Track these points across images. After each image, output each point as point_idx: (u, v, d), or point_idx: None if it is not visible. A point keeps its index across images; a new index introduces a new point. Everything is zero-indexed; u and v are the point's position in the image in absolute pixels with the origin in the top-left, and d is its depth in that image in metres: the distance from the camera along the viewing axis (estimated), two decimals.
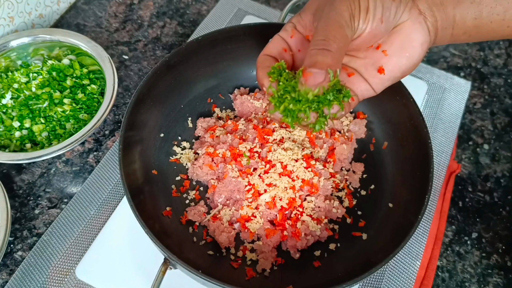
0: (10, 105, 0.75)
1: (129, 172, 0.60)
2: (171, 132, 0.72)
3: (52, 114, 0.75)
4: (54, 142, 0.73)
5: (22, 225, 0.69)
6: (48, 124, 0.74)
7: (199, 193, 0.69)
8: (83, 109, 0.76)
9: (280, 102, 0.45)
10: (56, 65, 0.79)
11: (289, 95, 0.45)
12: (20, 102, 0.75)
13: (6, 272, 0.66)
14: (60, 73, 0.79)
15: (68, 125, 0.75)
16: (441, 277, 0.69)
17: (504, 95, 0.88)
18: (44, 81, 0.77)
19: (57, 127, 0.74)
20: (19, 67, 0.80)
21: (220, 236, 0.64)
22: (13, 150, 0.72)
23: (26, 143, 0.74)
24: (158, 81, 0.67)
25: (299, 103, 0.44)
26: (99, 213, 0.70)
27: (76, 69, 0.80)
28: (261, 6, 0.94)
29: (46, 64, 0.80)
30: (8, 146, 0.73)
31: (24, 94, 0.76)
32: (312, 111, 0.45)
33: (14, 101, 0.76)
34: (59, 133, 0.74)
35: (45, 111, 0.75)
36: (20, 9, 0.82)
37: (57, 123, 0.75)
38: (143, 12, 0.94)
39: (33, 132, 0.74)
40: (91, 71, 0.81)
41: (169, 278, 0.55)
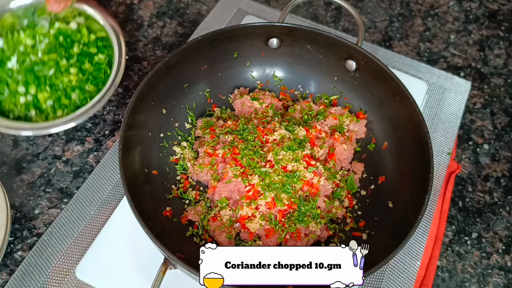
0: (16, 69, 0.73)
1: (129, 172, 0.60)
2: (171, 132, 0.72)
3: (58, 83, 0.73)
4: (58, 111, 0.72)
5: (22, 225, 0.69)
6: (53, 92, 0.73)
7: (199, 193, 0.69)
8: (89, 80, 0.75)
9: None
10: (63, 28, 0.76)
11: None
12: (26, 67, 0.73)
13: (6, 272, 0.66)
14: (67, 38, 0.76)
15: (74, 95, 0.73)
16: (441, 277, 0.69)
17: (504, 95, 0.88)
18: (51, 47, 0.75)
19: (63, 96, 0.73)
20: (25, 28, 0.77)
21: (220, 236, 0.64)
22: (17, 116, 0.71)
23: (31, 110, 0.72)
24: (158, 81, 0.67)
25: None
26: (99, 213, 0.70)
27: (83, 35, 0.77)
28: (261, 6, 0.94)
29: (53, 26, 0.77)
30: (12, 111, 0.72)
31: (29, 59, 0.74)
32: None
33: (20, 66, 0.73)
34: (64, 103, 0.73)
35: (51, 79, 0.73)
36: None
37: (63, 93, 0.73)
38: (143, 12, 0.94)
39: (37, 99, 0.72)
40: (99, 38, 0.78)
41: (169, 278, 0.55)
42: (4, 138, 0.76)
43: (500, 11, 1.00)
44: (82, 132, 0.78)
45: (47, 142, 0.77)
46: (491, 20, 0.98)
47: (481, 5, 1.01)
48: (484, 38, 0.95)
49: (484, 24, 0.97)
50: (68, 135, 0.78)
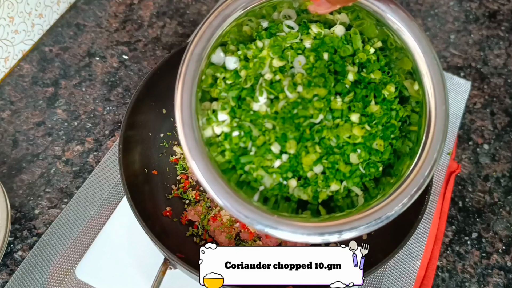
0: (265, 113, 0.45)
1: (129, 172, 0.60)
2: (171, 132, 0.72)
3: (331, 137, 0.45)
4: (332, 183, 0.46)
5: (22, 225, 0.69)
6: (324, 153, 0.45)
7: (199, 193, 0.69)
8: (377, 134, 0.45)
9: None
10: (328, 36, 0.46)
11: None
12: (282, 110, 0.45)
13: (6, 272, 0.66)
14: (334, 54, 0.46)
15: (354, 157, 0.46)
16: (441, 277, 0.69)
17: (504, 95, 0.88)
18: (312, 70, 0.45)
19: (340, 161, 0.46)
20: (263, 33, 0.48)
21: (220, 236, 0.64)
22: (270, 189, 0.47)
23: (288, 178, 0.46)
24: (158, 81, 0.67)
25: None
26: (99, 213, 0.70)
27: (358, 49, 0.47)
28: None
29: (306, 31, 0.47)
30: (259, 180, 0.46)
31: (283, 95, 0.45)
32: None
33: (271, 107, 0.45)
34: (342, 171, 0.46)
35: (320, 130, 0.45)
36: (20, 9, 0.82)
37: (341, 154, 0.46)
38: (143, 12, 0.94)
39: (298, 163, 0.46)
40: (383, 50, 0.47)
41: (169, 278, 0.55)
42: (4, 138, 0.76)
43: (500, 11, 1.00)
44: (82, 132, 0.78)
45: (47, 142, 0.77)
46: (491, 20, 0.98)
47: (481, 5, 1.01)
48: (484, 38, 0.95)
49: (484, 24, 0.97)
50: (68, 135, 0.78)
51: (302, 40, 0.46)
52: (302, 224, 0.41)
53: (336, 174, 0.46)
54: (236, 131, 0.45)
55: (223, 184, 0.41)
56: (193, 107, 0.42)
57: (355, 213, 0.42)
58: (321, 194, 0.46)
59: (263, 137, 0.45)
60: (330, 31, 0.47)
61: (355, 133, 0.44)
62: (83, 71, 0.85)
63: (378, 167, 0.46)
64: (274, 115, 0.44)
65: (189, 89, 0.43)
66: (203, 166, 0.41)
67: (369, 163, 0.46)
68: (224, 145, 0.46)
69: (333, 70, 0.46)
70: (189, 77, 0.43)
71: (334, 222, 0.42)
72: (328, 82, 0.44)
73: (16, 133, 0.77)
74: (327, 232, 0.41)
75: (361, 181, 0.46)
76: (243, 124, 0.45)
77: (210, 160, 0.42)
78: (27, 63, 0.85)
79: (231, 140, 0.46)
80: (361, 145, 0.45)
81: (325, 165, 0.45)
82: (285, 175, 0.46)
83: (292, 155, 0.45)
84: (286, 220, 0.42)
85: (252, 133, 0.45)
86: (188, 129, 0.42)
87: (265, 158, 0.45)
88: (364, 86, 0.46)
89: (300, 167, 0.45)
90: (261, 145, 0.45)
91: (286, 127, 0.44)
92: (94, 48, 0.88)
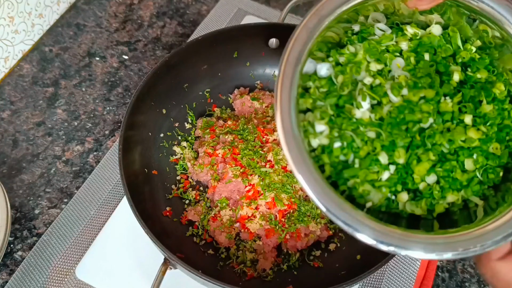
0: (369, 119, 0.42)
1: (129, 172, 0.60)
2: (171, 132, 0.72)
3: (444, 142, 0.41)
4: (449, 194, 0.42)
5: (22, 225, 0.69)
6: (437, 161, 0.41)
7: (199, 193, 0.69)
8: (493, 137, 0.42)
9: None
10: (425, 38, 0.44)
11: None
12: (387, 115, 0.41)
13: (6, 272, 0.66)
14: (434, 55, 0.43)
15: (469, 163, 0.42)
16: (441, 277, 0.69)
17: None
18: (416, 71, 0.42)
19: (456, 168, 0.41)
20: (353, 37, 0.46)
21: (220, 236, 0.64)
22: (377, 206, 0.42)
23: (398, 192, 0.42)
24: (158, 81, 0.67)
25: None
26: (99, 213, 0.70)
27: (459, 48, 0.44)
28: (261, 6, 0.94)
29: (400, 32, 0.45)
30: (365, 196, 0.42)
31: (386, 99, 0.42)
32: None
33: (374, 112, 0.42)
34: (458, 180, 0.42)
35: (432, 135, 0.41)
36: (20, 9, 0.82)
37: (457, 162, 0.42)
38: (143, 12, 0.94)
39: (408, 174, 0.42)
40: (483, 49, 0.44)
41: (169, 278, 0.55)
42: (4, 138, 0.76)
43: None
44: (82, 132, 0.78)
45: (47, 142, 0.77)
46: None
47: None
48: None
49: None
50: (68, 135, 0.78)
51: (398, 42, 0.44)
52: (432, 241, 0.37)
53: (452, 184, 0.41)
54: (338, 142, 0.42)
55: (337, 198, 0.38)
56: (293, 116, 0.39)
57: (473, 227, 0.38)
58: (437, 207, 0.42)
59: (367, 147, 0.41)
60: (427, 31, 0.45)
61: (471, 135, 0.40)
62: (83, 71, 0.85)
63: (497, 172, 0.42)
64: (379, 122, 0.41)
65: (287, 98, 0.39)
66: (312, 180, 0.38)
67: (486, 169, 0.42)
68: (323, 159, 0.42)
69: (436, 71, 0.42)
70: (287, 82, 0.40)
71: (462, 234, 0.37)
72: (435, 82, 0.41)
73: (16, 133, 0.77)
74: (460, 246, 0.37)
75: (480, 188, 0.42)
76: (344, 133, 0.41)
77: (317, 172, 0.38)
78: (27, 63, 0.85)
79: (331, 153, 0.42)
80: (478, 149, 0.41)
81: (439, 174, 0.41)
82: (393, 188, 0.42)
83: (400, 165, 0.41)
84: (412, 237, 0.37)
85: (354, 143, 0.41)
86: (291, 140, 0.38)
87: (371, 171, 0.41)
88: (471, 86, 0.43)
89: (410, 179, 0.41)
90: (365, 156, 0.41)
91: (394, 134, 0.40)
92: (94, 48, 0.88)
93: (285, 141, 0.38)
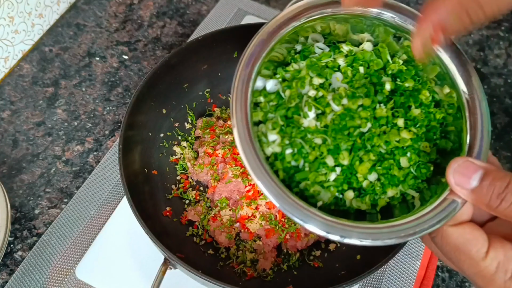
0: (315, 127, 0.47)
1: (129, 172, 0.60)
2: (171, 132, 0.72)
3: (381, 144, 0.46)
4: (389, 189, 0.47)
5: (22, 225, 0.69)
6: (377, 160, 0.47)
7: (199, 193, 0.69)
8: (422, 136, 0.48)
9: None
10: (359, 52, 0.50)
11: None
12: (331, 123, 0.47)
13: (6, 272, 0.66)
14: (369, 68, 0.49)
15: (404, 161, 0.47)
16: (441, 277, 0.69)
17: (504, 95, 0.88)
18: (353, 83, 0.48)
19: (394, 165, 0.46)
20: (295, 56, 0.51)
21: (220, 236, 0.64)
22: (327, 204, 0.47)
23: (344, 190, 0.47)
24: (158, 81, 0.67)
25: None
26: (99, 213, 0.70)
27: (388, 61, 0.50)
28: (261, 6, 0.94)
29: (337, 50, 0.51)
30: (316, 196, 0.47)
31: (329, 109, 0.47)
32: None
33: (319, 121, 0.47)
34: (396, 176, 0.47)
35: (371, 138, 0.46)
36: (20, 9, 0.82)
37: (393, 160, 0.47)
38: (143, 12, 0.94)
39: (352, 174, 0.47)
40: (408, 62, 0.50)
41: (169, 278, 0.55)
42: (4, 138, 0.76)
43: None
44: (82, 132, 0.78)
45: (47, 142, 0.77)
46: (491, 20, 0.98)
47: None
48: (484, 38, 0.95)
49: (484, 24, 0.97)
50: (68, 135, 0.78)
51: (335, 59, 0.50)
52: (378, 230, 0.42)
53: (391, 180, 0.47)
54: (289, 149, 0.47)
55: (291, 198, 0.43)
56: (249, 128, 0.44)
57: (411, 215, 0.43)
58: (379, 201, 0.48)
59: (315, 152, 0.46)
60: (360, 48, 0.51)
61: (404, 136, 0.46)
62: (83, 71, 0.85)
63: (428, 167, 0.47)
64: (324, 129, 0.46)
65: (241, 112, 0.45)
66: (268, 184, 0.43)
67: (419, 165, 0.47)
68: (277, 165, 0.47)
69: (370, 82, 0.49)
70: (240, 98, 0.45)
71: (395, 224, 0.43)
72: (370, 92, 0.48)
73: (16, 133, 0.77)
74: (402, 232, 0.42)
75: (415, 183, 0.47)
76: (294, 141, 0.46)
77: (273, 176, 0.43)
78: (27, 63, 0.85)
79: (284, 159, 0.47)
80: (410, 148, 0.47)
81: (379, 172, 0.47)
82: (340, 187, 0.47)
83: (345, 166, 0.46)
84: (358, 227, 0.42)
85: (303, 149, 0.46)
86: (248, 150, 0.43)
87: (320, 173, 0.46)
88: (401, 93, 0.49)
89: (354, 178, 0.47)
90: (313, 160, 0.46)
91: (338, 139, 0.46)
92: (94, 48, 0.88)
93: (242, 151, 0.43)
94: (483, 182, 0.37)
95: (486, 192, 0.37)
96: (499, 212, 0.37)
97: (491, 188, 0.37)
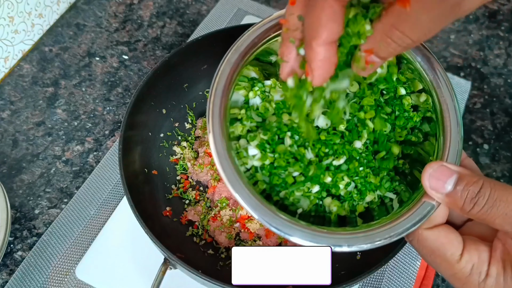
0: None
1: (129, 172, 0.60)
2: (171, 132, 0.72)
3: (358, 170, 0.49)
4: (367, 195, 0.49)
5: (22, 225, 0.69)
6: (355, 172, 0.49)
7: (199, 193, 0.69)
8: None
9: None
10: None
11: None
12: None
13: (6, 272, 0.66)
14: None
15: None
16: (441, 277, 0.69)
17: (504, 95, 0.88)
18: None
19: (370, 174, 0.49)
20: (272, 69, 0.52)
21: (220, 236, 0.64)
22: (307, 211, 0.48)
23: (324, 198, 0.49)
24: (158, 81, 0.67)
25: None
26: (99, 213, 0.70)
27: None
28: (261, 6, 0.94)
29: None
30: (296, 203, 0.48)
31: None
32: None
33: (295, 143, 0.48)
34: (373, 183, 0.49)
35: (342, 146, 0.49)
36: (20, 9, 0.82)
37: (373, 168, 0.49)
38: (143, 12, 0.94)
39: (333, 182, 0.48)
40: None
41: (169, 278, 0.55)
42: (4, 138, 0.76)
43: (500, 11, 1.00)
44: (82, 132, 0.78)
45: (47, 142, 0.77)
46: (491, 20, 0.98)
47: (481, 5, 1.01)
48: (484, 38, 0.95)
49: (484, 24, 0.97)
50: (68, 135, 0.78)
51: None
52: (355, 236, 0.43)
53: (368, 186, 0.48)
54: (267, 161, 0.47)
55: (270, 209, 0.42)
56: (225, 141, 0.44)
57: (390, 218, 0.43)
58: (358, 207, 0.48)
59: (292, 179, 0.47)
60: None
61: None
62: (83, 71, 0.85)
63: (407, 166, 0.49)
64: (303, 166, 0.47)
65: (218, 125, 0.45)
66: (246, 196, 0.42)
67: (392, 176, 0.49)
68: (257, 176, 0.47)
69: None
70: (216, 112, 0.46)
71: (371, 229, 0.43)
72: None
73: (16, 133, 0.77)
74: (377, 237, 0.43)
75: (391, 186, 0.48)
76: (274, 164, 0.47)
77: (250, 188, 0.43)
78: (27, 63, 0.85)
79: (264, 171, 0.47)
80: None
81: (357, 182, 0.48)
82: (320, 195, 0.48)
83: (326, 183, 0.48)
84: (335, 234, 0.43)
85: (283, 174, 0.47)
86: (225, 162, 0.43)
87: (299, 189, 0.47)
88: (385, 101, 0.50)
89: (333, 187, 0.48)
90: (292, 183, 0.47)
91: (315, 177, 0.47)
92: (94, 48, 0.88)
93: (219, 163, 0.42)
94: (457, 187, 0.38)
95: (460, 196, 0.38)
96: (472, 215, 0.38)
97: (464, 192, 0.37)
